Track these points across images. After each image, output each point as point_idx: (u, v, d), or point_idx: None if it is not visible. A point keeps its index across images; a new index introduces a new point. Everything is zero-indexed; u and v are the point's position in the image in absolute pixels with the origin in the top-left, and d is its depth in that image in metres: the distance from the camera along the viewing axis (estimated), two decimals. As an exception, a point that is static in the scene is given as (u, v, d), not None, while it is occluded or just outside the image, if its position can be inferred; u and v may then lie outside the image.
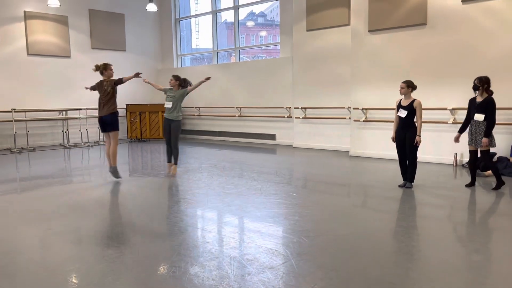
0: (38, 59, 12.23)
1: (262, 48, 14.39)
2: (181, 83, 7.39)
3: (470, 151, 6.01)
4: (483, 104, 5.75)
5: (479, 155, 5.99)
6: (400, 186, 6.18)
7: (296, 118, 11.14)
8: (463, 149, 7.85)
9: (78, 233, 4.27)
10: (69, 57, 12.84)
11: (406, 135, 5.97)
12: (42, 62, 12.30)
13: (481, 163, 7.32)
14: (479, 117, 5.75)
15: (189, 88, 7.42)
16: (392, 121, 8.73)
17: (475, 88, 5.81)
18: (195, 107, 13.93)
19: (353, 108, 9.39)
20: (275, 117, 11.94)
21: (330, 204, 5.30)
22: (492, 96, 5.81)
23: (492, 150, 7.41)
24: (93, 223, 4.60)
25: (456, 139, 6.01)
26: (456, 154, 7.91)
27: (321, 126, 10.68)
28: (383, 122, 8.93)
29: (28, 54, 12.02)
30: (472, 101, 5.92)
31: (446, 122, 7.98)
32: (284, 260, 3.43)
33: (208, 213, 5.01)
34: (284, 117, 11.69)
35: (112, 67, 6.97)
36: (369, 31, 8.98)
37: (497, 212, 4.95)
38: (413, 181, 6.12)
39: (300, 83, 10.93)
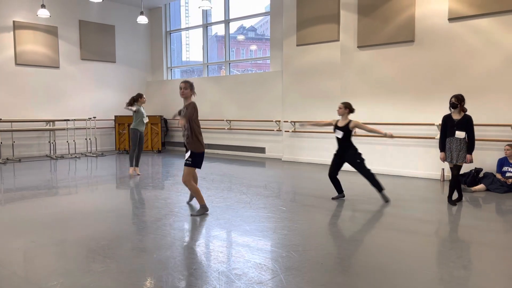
0: (26, 69, 12.13)
1: (252, 62, 14.48)
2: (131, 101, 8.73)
3: (451, 169, 6.03)
4: (463, 122, 5.82)
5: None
6: (333, 198, 6.42)
7: (285, 131, 11.17)
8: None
9: (63, 246, 4.19)
10: (57, 67, 12.77)
11: (345, 155, 6.23)
12: (30, 72, 12.19)
13: (467, 178, 7.41)
14: (460, 134, 5.81)
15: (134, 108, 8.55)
16: (378, 136, 8.84)
17: (453, 106, 5.87)
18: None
19: (342, 123, 9.44)
20: (265, 131, 11.96)
21: (319, 218, 5.29)
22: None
23: (478, 166, 7.53)
24: (79, 236, 4.52)
25: (443, 159, 6.05)
26: (443, 169, 7.99)
27: (310, 140, 10.72)
28: (372, 137, 9.00)
29: (16, 64, 11.91)
30: (449, 118, 5.94)
31: (434, 138, 8.07)
32: (273, 275, 3.40)
33: (196, 226, 4.96)
34: (273, 130, 11.72)
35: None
36: (358, 47, 9.10)
37: (482, 228, 4.99)
38: (382, 189, 6.19)
39: (290, 97, 11.00)
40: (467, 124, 5.80)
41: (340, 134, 6.12)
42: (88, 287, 3.17)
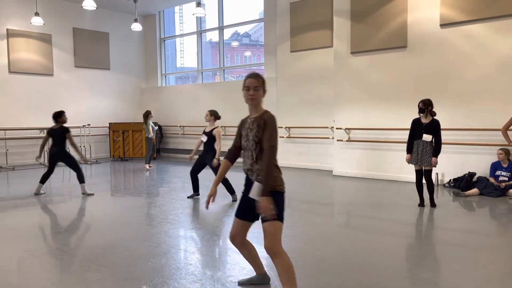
0: (20, 77, 12.09)
1: (247, 68, 14.52)
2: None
3: (417, 171, 6.17)
4: (431, 126, 5.99)
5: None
6: (188, 197, 6.99)
7: (280, 137, 11.19)
8: (444, 169, 7.99)
9: (57, 255, 4.17)
10: (51, 75, 12.74)
11: (206, 157, 6.89)
12: (24, 80, 12.16)
13: (461, 182, 7.46)
14: (427, 137, 5.97)
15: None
16: (373, 141, 8.89)
17: (421, 111, 6.04)
18: (179, 126, 13.90)
19: (336, 128, 9.50)
20: (259, 137, 11.96)
21: (314, 224, 5.30)
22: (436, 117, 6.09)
23: (472, 170, 7.58)
24: (73, 245, 4.50)
25: (409, 161, 6.16)
26: (437, 174, 8.03)
27: (305, 145, 10.75)
28: (366, 142, 9.04)
29: (10, 72, 11.88)
30: (417, 122, 6.10)
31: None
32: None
33: (191, 234, 4.95)
34: (268, 136, 11.72)
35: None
36: (352, 53, 9.17)
37: (477, 232, 5.02)
38: (234, 193, 6.68)
39: (284, 103, 11.04)
40: (434, 128, 5.97)
41: (205, 138, 6.94)
42: (83, 296, 3.16)
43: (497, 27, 7.39)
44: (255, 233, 4.08)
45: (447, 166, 7.96)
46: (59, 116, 7.38)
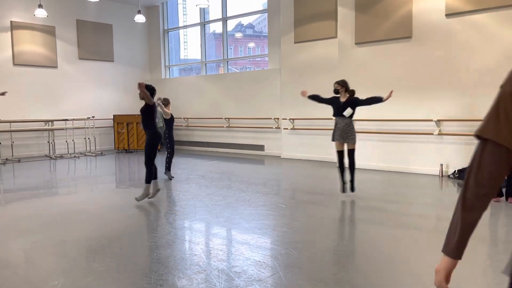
0: (24, 69, 12.12)
1: (251, 59, 14.48)
2: None
3: (338, 152, 6.23)
4: (349, 102, 6.05)
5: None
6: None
7: (284, 129, 11.18)
8: (449, 160, 7.97)
9: (63, 246, 4.21)
10: (56, 67, 12.76)
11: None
12: (28, 72, 12.19)
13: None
14: (347, 112, 6.00)
15: None
16: (377, 132, 8.86)
17: (335, 92, 6.18)
18: (184, 118, 13.91)
19: (341, 119, 9.46)
20: (263, 128, 11.97)
21: (318, 215, 5.32)
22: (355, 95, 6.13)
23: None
24: (79, 236, 4.54)
25: (304, 94, 6.27)
26: (441, 165, 8.01)
27: (309, 137, 10.74)
28: (369, 133, 9.02)
29: (14, 64, 11.90)
30: (336, 99, 6.19)
31: (432, 134, 8.09)
32: (272, 272, 3.43)
33: (196, 225, 4.98)
34: (272, 128, 11.73)
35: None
36: (356, 43, 9.11)
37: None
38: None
39: (288, 94, 11.01)
40: (354, 102, 6.05)
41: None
42: (89, 287, 3.19)
43: (503, 17, 7.31)
44: (255, 230, 4.08)
45: (452, 157, 7.93)
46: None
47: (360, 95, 9.11)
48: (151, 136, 6.11)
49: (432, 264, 3.56)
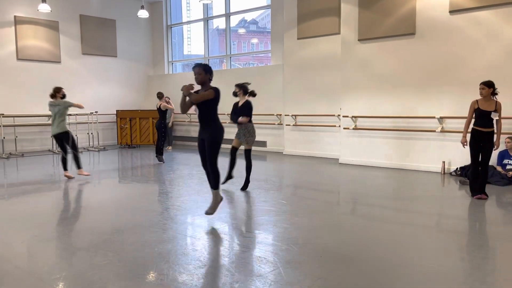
0: (28, 64, 12.16)
1: (254, 55, 14.46)
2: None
3: (233, 146, 6.70)
4: (244, 107, 6.52)
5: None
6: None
7: (286, 125, 11.18)
8: (451, 157, 7.96)
9: (65, 240, 4.24)
10: (59, 62, 12.79)
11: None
12: (31, 67, 12.23)
13: (468, 171, 7.42)
14: (242, 120, 6.43)
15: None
16: (380, 129, 8.85)
17: (234, 94, 6.64)
18: (186, 114, 13.91)
19: (343, 116, 9.46)
20: (266, 124, 11.98)
21: (319, 211, 5.33)
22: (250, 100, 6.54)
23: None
24: (81, 230, 4.57)
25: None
26: (444, 162, 8.00)
27: (311, 133, 10.74)
28: (373, 130, 9.00)
29: (18, 59, 11.94)
30: (235, 104, 6.69)
31: (434, 131, 8.07)
32: (272, 268, 3.44)
33: (197, 220, 5.00)
34: (274, 124, 11.74)
35: None
36: (359, 40, 9.08)
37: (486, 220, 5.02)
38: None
39: (291, 90, 11.00)
40: (247, 108, 6.47)
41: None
42: (90, 280, 3.22)
43: (507, 14, 7.27)
44: (256, 225, 4.09)
45: (454, 154, 7.92)
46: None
47: (363, 91, 9.15)
48: (215, 130, 4.75)
49: (434, 261, 3.57)
